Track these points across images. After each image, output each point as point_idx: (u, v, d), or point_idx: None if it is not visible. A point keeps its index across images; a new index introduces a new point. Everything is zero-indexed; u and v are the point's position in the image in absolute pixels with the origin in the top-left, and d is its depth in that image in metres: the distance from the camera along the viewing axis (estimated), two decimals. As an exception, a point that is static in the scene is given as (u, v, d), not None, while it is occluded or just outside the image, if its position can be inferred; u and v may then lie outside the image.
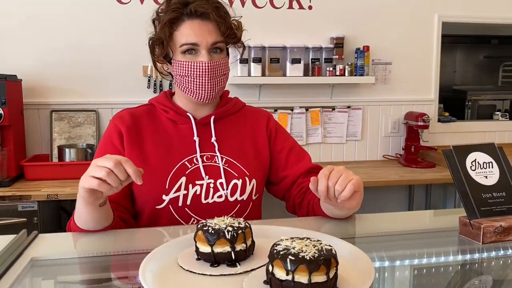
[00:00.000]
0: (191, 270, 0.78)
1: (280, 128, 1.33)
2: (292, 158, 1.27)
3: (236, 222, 0.82)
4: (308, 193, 1.19)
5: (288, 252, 0.67)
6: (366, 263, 0.76)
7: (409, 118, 3.03)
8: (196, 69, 1.13)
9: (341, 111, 3.06)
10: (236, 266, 0.79)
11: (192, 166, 1.16)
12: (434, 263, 0.92)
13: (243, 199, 1.19)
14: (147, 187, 1.12)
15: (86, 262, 0.89)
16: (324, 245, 0.70)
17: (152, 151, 1.16)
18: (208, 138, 1.21)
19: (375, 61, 3.07)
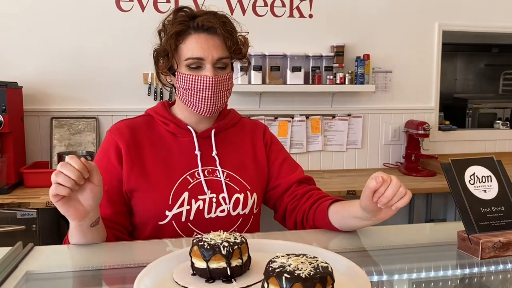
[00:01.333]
0: (186, 286, 0.77)
1: (275, 139, 1.34)
2: (285, 168, 1.27)
3: (232, 237, 0.81)
4: (304, 201, 1.19)
5: (283, 269, 0.66)
6: (363, 279, 0.75)
7: (409, 127, 3.03)
8: (200, 83, 1.12)
9: (342, 119, 3.06)
10: (231, 282, 0.78)
11: (194, 181, 1.15)
12: (432, 277, 0.91)
13: (245, 213, 1.18)
14: (149, 202, 1.11)
15: (81, 276, 0.88)
16: (320, 262, 0.69)
17: (152, 165, 1.15)
18: (208, 152, 1.20)
19: (376, 69, 3.08)
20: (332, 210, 1.12)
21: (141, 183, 1.12)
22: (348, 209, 1.06)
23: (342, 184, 2.65)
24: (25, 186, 2.44)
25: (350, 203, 1.07)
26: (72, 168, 0.90)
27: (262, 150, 1.28)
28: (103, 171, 1.08)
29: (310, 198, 1.20)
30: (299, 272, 0.65)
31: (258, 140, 1.28)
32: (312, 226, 1.16)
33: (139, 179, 1.12)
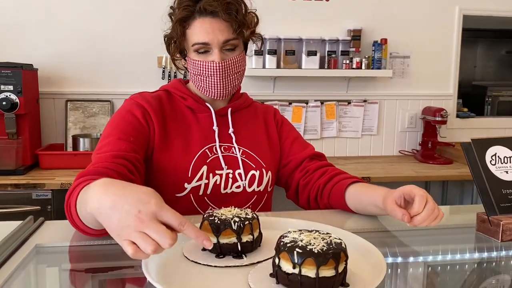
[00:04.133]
0: (195, 261, 0.76)
1: (285, 120, 1.33)
2: (296, 145, 1.26)
3: (243, 213, 0.80)
4: (318, 177, 1.17)
5: (295, 244, 0.64)
6: (378, 258, 0.73)
7: (426, 113, 2.96)
8: (208, 69, 1.10)
9: (357, 105, 3.00)
10: (242, 257, 0.77)
11: (212, 155, 1.15)
12: (449, 260, 0.89)
13: (260, 190, 1.17)
14: (169, 173, 1.10)
15: (92, 250, 0.88)
16: (333, 238, 0.67)
17: (173, 137, 1.14)
18: (225, 129, 1.20)
19: (393, 54, 3.01)
20: (350, 192, 1.10)
21: (163, 152, 1.11)
22: (369, 196, 1.03)
23: (357, 171, 2.61)
24: (40, 168, 2.46)
25: (372, 190, 1.04)
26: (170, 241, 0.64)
27: (274, 129, 1.27)
28: (127, 124, 1.07)
29: (324, 174, 1.18)
30: (312, 247, 0.63)
31: (269, 120, 1.28)
32: (326, 204, 1.14)
33: (162, 147, 1.11)
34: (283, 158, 1.26)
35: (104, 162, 0.96)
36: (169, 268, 0.74)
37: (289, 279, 0.64)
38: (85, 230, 0.85)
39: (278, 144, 1.26)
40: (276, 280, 0.67)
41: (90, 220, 0.81)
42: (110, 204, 0.67)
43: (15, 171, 2.32)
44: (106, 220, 0.67)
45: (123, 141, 1.04)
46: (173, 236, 0.63)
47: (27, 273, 0.79)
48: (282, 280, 0.66)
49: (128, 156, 1.01)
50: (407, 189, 0.90)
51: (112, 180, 0.72)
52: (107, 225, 0.67)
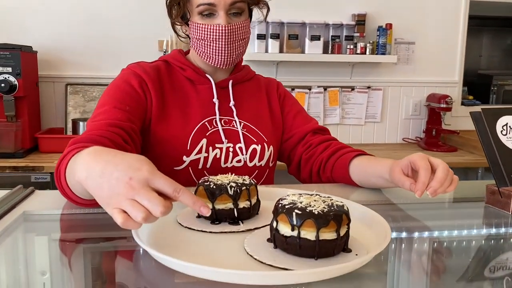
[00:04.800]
0: (190, 227, 0.72)
1: (288, 93, 1.29)
2: (298, 119, 1.22)
3: (240, 179, 0.76)
4: (321, 151, 1.13)
5: (294, 206, 0.60)
6: (382, 225, 0.69)
7: (431, 100, 2.92)
8: (213, 33, 1.06)
9: (361, 91, 2.96)
10: (238, 224, 0.73)
11: (212, 128, 1.11)
12: (457, 235, 0.84)
13: (261, 165, 1.14)
14: (168, 145, 1.06)
15: (83, 219, 0.84)
16: (335, 201, 0.63)
17: (172, 108, 1.10)
18: (226, 102, 1.15)
19: (398, 40, 2.96)
20: (355, 164, 1.06)
21: (161, 123, 1.07)
22: (374, 167, 0.99)
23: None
24: (39, 151, 2.43)
25: (378, 161, 1.00)
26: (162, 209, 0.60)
27: (277, 102, 1.23)
28: (123, 94, 1.03)
29: (328, 148, 1.14)
30: (312, 208, 0.59)
31: (272, 94, 1.24)
32: (328, 178, 1.10)
33: (159, 118, 1.07)
34: (285, 132, 1.22)
35: (99, 130, 0.92)
36: (162, 234, 0.71)
37: (287, 243, 0.60)
38: (75, 200, 0.82)
39: (281, 118, 1.23)
40: (274, 245, 0.64)
41: (79, 189, 0.77)
42: (99, 172, 0.63)
43: (14, 154, 2.29)
44: (95, 189, 0.64)
45: (119, 110, 1.00)
46: (166, 204, 0.59)
47: (13, 241, 0.75)
48: (280, 244, 0.62)
49: (124, 126, 0.97)
50: (412, 159, 0.86)
51: (103, 148, 0.68)
52: (96, 194, 0.64)
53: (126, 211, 0.59)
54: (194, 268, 0.54)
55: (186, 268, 0.55)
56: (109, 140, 0.90)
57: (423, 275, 0.67)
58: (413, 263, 0.72)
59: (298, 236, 0.59)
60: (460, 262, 0.73)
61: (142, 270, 0.66)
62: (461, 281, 0.65)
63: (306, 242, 0.59)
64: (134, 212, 0.58)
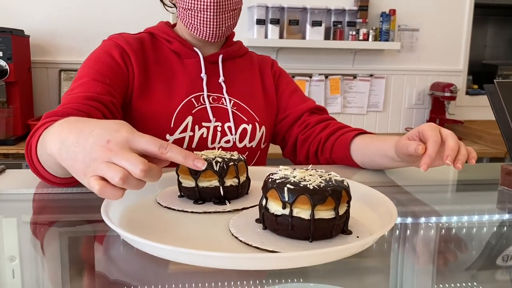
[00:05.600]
0: (169, 207, 0.64)
1: (284, 72, 1.21)
2: (294, 98, 1.14)
3: (228, 154, 0.68)
4: (319, 131, 1.06)
5: (286, 180, 0.53)
6: (387, 206, 0.61)
7: (435, 89, 2.86)
8: (201, 2, 0.98)
9: (363, 79, 2.88)
10: (224, 204, 0.65)
11: (198, 105, 1.03)
12: (467, 221, 0.77)
13: (252, 146, 1.06)
14: (149, 123, 0.99)
15: (57, 199, 0.77)
16: (333, 176, 0.55)
17: (156, 83, 1.02)
18: (215, 78, 1.07)
19: (402, 26, 2.88)
20: (356, 143, 0.98)
21: (143, 98, 1.00)
22: (378, 145, 0.92)
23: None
24: (31, 138, 2.35)
25: (382, 139, 0.93)
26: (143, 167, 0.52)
27: (271, 81, 1.15)
28: (103, 65, 0.96)
29: (326, 128, 1.06)
30: (306, 183, 0.52)
31: (266, 71, 1.16)
32: (327, 160, 1.02)
33: (142, 93, 1.00)
34: (280, 112, 1.14)
35: (75, 103, 0.85)
36: (136, 214, 0.63)
37: (278, 222, 0.53)
38: (47, 178, 0.74)
39: (275, 97, 1.15)
40: (263, 225, 0.56)
41: (52, 166, 0.70)
42: (73, 141, 0.55)
43: (5, 141, 2.22)
44: (69, 160, 0.56)
45: (98, 82, 0.92)
46: (148, 163, 0.51)
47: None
48: (269, 224, 0.54)
49: (103, 99, 0.89)
50: (422, 128, 0.78)
51: (78, 118, 0.61)
52: (71, 166, 0.56)
53: (104, 177, 0.51)
54: (168, 251, 0.47)
55: (157, 250, 0.48)
56: (86, 114, 0.82)
57: (430, 264, 0.60)
58: (419, 251, 0.64)
59: (290, 215, 0.51)
60: (471, 250, 0.66)
61: (122, 256, 0.59)
62: (471, 271, 0.58)
63: (299, 221, 0.51)
64: (110, 173, 0.51)
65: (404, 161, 0.85)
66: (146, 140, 0.53)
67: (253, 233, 0.55)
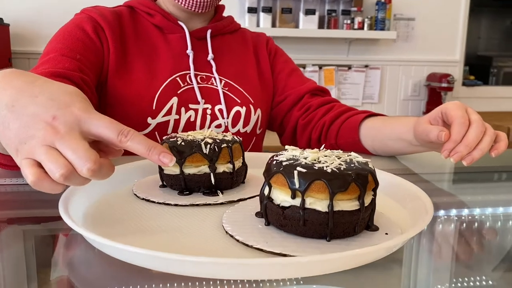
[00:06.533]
0: (148, 199, 0.52)
1: (280, 50, 1.09)
2: (293, 79, 1.03)
3: (220, 135, 0.56)
4: (322, 114, 0.94)
5: (296, 162, 0.41)
6: (417, 197, 0.49)
7: (431, 80, 2.80)
8: None
9: (358, 70, 2.80)
10: (216, 194, 0.53)
11: (185, 85, 0.91)
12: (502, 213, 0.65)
13: (246, 131, 0.94)
14: (128, 104, 0.87)
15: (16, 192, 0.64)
16: (354, 157, 0.44)
17: (135, 60, 0.90)
18: (203, 55, 0.95)
19: (397, 16, 2.81)
20: (366, 125, 0.87)
21: (121, 77, 0.87)
22: (393, 127, 0.80)
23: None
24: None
25: (397, 120, 0.82)
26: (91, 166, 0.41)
27: (266, 60, 1.03)
28: (74, 40, 0.83)
29: (330, 111, 0.95)
30: (322, 165, 0.40)
31: (261, 49, 1.04)
32: (332, 146, 0.90)
33: (119, 72, 0.87)
34: (277, 94, 1.02)
35: None
36: (107, 207, 0.51)
37: (286, 217, 0.41)
38: None
39: (271, 77, 1.03)
40: (266, 221, 0.44)
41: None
42: (7, 102, 0.43)
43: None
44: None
45: (67, 58, 0.80)
46: (99, 159, 0.40)
47: None
48: (274, 219, 0.43)
49: (72, 76, 0.77)
50: (446, 108, 0.67)
51: (20, 71, 0.48)
52: (1, 133, 0.44)
53: (42, 165, 0.40)
54: (143, 256, 0.35)
55: (130, 255, 0.36)
56: None
57: (460, 264, 0.48)
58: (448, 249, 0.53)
59: (302, 207, 0.39)
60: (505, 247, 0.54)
61: (90, 259, 0.46)
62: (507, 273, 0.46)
63: (314, 215, 0.40)
64: (50, 165, 0.39)
65: (424, 146, 0.74)
66: (102, 124, 0.42)
67: (254, 230, 0.43)
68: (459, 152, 0.63)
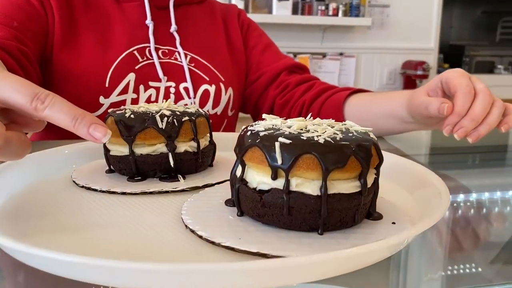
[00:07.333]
0: (88, 187, 0.41)
1: (254, 23, 0.98)
2: (268, 55, 0.93)
3: (181, 107, 0.45)
4: (302, 92, 0.85)
5: (277, 132, 0.31)
6: (434, 184, 0.40)
7: (407, 67, 2.79)
8: None
9: (333, 58, 2.75)
10: (176, 179, 0.43)
11: (144, 60, 0.79)
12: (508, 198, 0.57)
13: (216, 113, 0.84)
14: (77, 82, 0.75)
15: None
16: (352, 126, 0.34)
17: (84, 30, 0.78)
18: (165, 27, 0.84)
19: (372, 3, 2.77)
20: (352, 103, 0.78)
21: (68, 51, 0.75)
22: (383, 103, 0.72)
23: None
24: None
25: (387, 95, 0.73)
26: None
27: (238, 33, 0.92)
28: (11, 7, 0.72)
29: (310, 89, 0.86)
30: (311, 135, 0.30)
31: (231, 22, 0.93)
32: None
33: (66, 44, 0.75)
34: (251, 71, 0.92)
35: None
36: (32, 198, 0.39)
37: (265, 203, 0.31)
38: None
39: (243, 53, 0.92)
40: (239, 210, 0.34)
41: None
42: None
43: None
44: None
45: (2, 26, 0.67)
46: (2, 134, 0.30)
47: None
48: (249, 207, 0.33)
49: (7, 46, 0.65)
50: (446, 77, 0.59)
51: None
52: None
53: None
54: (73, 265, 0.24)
55: (53, 263, 0.25)
56: None
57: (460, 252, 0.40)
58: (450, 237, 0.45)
59: (286, 190, 0.30)
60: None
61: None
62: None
63: (302, 200, 0.30)
64: None
65: (420, 123, 0.65)
66: (11, 87, 0.31)
67: (222, 223, 0.33)
68: (464, 127, 0.54)
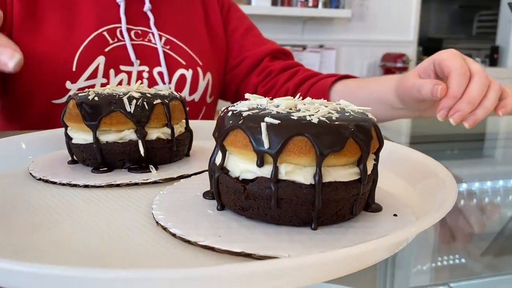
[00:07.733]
0: (47, 179, 0.36)
1: (234, 5, 0.93)
2: (250, 39, 0.88)
3: (152, 89, 0.41)
4: (286, 80, 0.81)
5: (264, 112, 0.27)
6: (436, 173, 0.36)
7: (386, 60, 2.80)
8: None
9: (313, 51, 2.72)
10: (147, 170, 0.38)
11: (115, 42, 0.73)
12: (501, 187, 0.55)
13: (193, 100, 0.79)
14: (41, 66, 0.69)
15: None
16: (347, 105, 0.30)
17: (46, 10, 0.71)
18: (138, 6, 0.78)
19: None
20: (337, 89, 0.74)
21: (29, 33, 0.69)
22: (370, 89, 0.68)
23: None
24: None
25: (375, 81, 0.70)
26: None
27: (217, 15, 0.87)
28: None
29: (294, 76, 0.82)
30: (303, 114, 0.26)
31: (211, 3, 0.88)
32: None
33: (27, 26, 0.69)
34: (231, 56, 0.87)
35: None
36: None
37: (249, 195, 0.27)
38: None
39: (224, 36, 0.87)
40: (219, 203, 0.29)
41: None
42: None
43: None
44: None
45: None
46: None
47: None
48: (231, 199, 0.28)
49: None
50: (439, 58, 0.55)
51: None
52: None
53: None
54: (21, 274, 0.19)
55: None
56: None
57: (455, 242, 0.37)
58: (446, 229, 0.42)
59: (275, 179, 0.25)
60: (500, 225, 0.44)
61: None
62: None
63: (292, 190, 0.25)
64: None
65: (410, 109, 0.62)
66: None
67: (200, 218, 0.28)
68: (460, 110, 0.51)
